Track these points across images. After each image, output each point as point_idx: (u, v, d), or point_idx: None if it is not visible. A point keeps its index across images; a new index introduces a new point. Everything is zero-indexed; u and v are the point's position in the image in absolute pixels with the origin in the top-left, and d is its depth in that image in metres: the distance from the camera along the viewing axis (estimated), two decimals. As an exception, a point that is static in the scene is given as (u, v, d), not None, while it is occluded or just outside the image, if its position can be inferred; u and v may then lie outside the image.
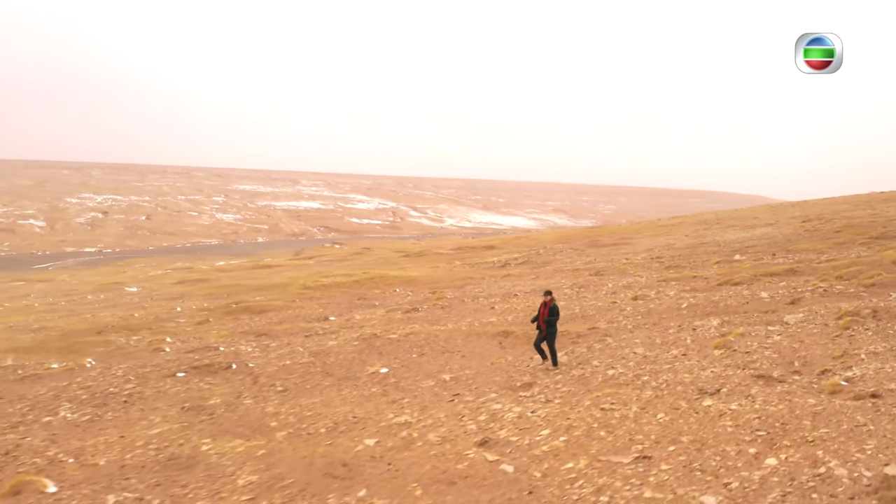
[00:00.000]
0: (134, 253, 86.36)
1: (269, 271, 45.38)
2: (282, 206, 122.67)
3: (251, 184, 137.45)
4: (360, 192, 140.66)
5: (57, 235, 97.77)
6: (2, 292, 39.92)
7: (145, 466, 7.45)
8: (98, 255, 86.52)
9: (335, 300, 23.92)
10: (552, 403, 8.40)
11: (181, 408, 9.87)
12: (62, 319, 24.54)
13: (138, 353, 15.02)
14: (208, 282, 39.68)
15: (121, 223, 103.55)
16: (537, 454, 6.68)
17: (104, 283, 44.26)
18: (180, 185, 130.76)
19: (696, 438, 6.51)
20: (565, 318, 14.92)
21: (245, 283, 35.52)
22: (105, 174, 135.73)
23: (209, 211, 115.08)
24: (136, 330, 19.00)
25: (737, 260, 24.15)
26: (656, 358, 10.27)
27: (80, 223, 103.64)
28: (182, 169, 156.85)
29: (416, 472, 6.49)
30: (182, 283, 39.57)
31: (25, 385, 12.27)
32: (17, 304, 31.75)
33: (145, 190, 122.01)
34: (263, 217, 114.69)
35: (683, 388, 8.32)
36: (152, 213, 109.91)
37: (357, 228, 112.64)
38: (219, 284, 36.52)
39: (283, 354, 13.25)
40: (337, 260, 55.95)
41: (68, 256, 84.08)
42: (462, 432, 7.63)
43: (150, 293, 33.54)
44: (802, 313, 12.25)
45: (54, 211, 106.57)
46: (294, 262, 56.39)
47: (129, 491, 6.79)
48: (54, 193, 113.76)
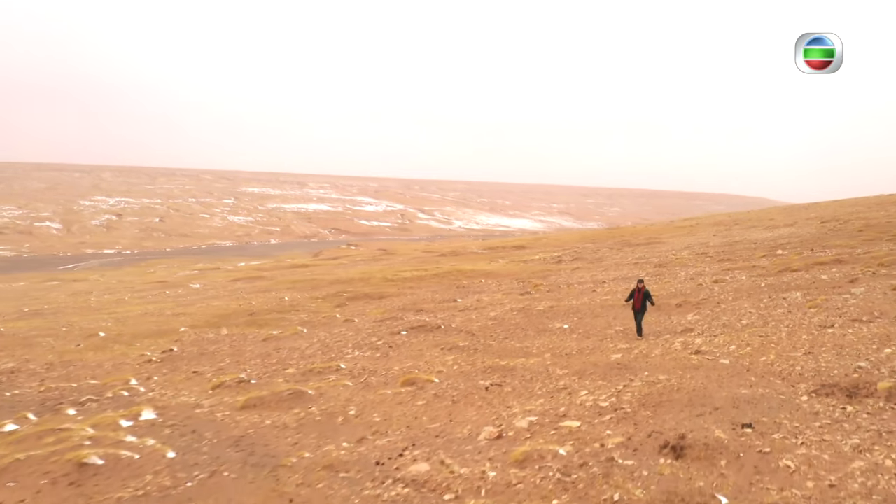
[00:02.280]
0: (153, 254, 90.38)
1: (309, 270, 49.34)
2: (291, 209, 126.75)
3: (259, 186, 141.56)
4: (368, 194, 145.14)
5: (74, 237, 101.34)
6: (52, 290, 43.83)
7: (467, 372, 11.96)
8: (118, 257, 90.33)
9: (435, 289, 28.33)
10: (719, 337, 13.03)
11: (440, 348, 14.36)
12: (193, 307, 28.88)
13: (336, 323, 19.47)
14: (265, 279, 43.88)
15: (135, 225, 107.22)
16: (738, 356, 11.30)
17: (166, 280, 48.45)
18: (190, 187, 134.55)
19: (836, 344, 11.17)
20: (669, 295, 19.61)
21: (320, 278, 39.61)
22: (115, 177, 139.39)
23: (221, 213, 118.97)
24: (296, 311, 23.42)
25: (780, 254, 28.91)
26: (770, 314, 14.92)
27: (95, 225, 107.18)
28: (190, 171, 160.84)
29: (666, 366, 11.07)
30: (240, 281, 43.69)
31: (286, 341, 16.70)
32: (101, 298, 35.80)
33: (156, 192, 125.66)
34: (274, 219, 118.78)
35: (807, 325, 12.98)
36: (165, 216, 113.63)
37: (367, 230, 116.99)
38: (284, 280, 40.28)
39: (468, 320, 17.80)
40: (369, 260, 60.02)
41: (89, 258, 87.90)
42: (673, 350, 12.23)
43: (225, 289, 37.35)
44: (864, 287, 16.94)
45: (69, 213, 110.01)
46: (322, 263, 60.14)
47: (488, 380, 11.30)
48: (67, 196, 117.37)
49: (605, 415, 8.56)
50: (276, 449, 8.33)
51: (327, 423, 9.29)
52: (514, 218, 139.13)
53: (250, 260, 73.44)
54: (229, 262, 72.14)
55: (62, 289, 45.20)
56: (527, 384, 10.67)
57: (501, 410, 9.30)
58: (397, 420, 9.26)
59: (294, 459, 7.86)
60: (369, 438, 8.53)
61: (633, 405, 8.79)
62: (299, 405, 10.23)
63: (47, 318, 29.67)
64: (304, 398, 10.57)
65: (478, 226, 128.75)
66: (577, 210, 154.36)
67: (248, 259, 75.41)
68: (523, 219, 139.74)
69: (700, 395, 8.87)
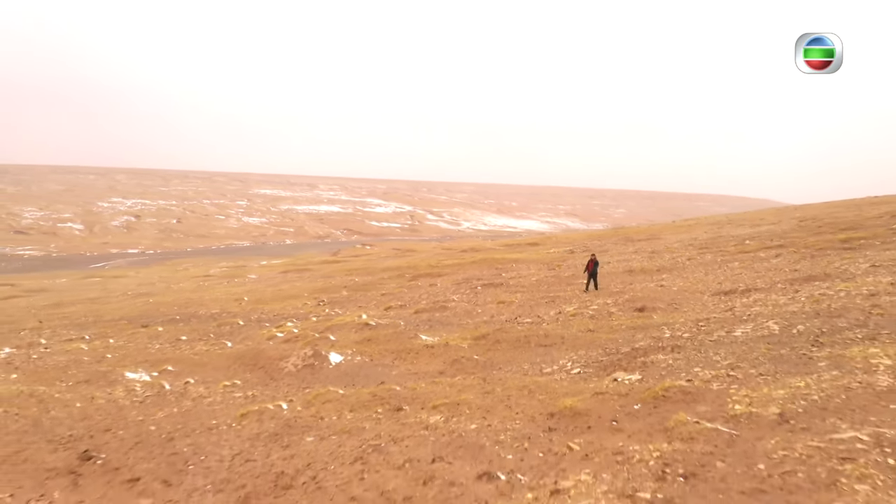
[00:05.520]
0: (175, 254, 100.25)
1: (348, 264, 58.84)
2: (304, 210, 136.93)
3: (271, 188, 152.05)
4: (377, 196, 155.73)
5: (97, 238, 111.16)
6: (109, 283, 54.01)
7: (533, 299, 22.24)
8: (142, 256, 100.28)
9: (479, 269, 38.53)
10: (677, 282, 23.33)
11: (508, 292, 24.58)
12: (282, 286, 39.06)
13: (423, 287, 29.65)
14: (312, 271, 54.12)
15: (154, 226, 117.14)
16: (683, 287, 21.63)
17: (209, 274, 58.60)
18: (203, 189, 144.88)
19: (734, 278, 21.52)
20: (654, 269, 29.91)
21: (371, 266, 49.74)
22: (129, 179, 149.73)
23: (235, 214, 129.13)
24: (378, 286, 33.65)
25: (746, 244, 39.35)
26: (711, 272, 25.18)
27: (115, 226, 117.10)
28: (202, 174, 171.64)
29: (646, 291, 21.40)
30: (290, 273, 53.89)
31: (398, 296, 26.95)
32: (176, 287, 45.90)
33: (171, 194, 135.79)
34: (288, 220, 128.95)
35: (727, 275, 23.29)
36: (182, 217, 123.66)
37: (378, 231, 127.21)
38: (335, 270, 50.22)
39: (519, 282, 28.05)
40: (394, 257, 69.84)
41: (115, 257, 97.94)
42: (649, 287, 22.56)
43: (285, 278, 47.22)
44: (779, 259, 27.21)
45: (89, 215, 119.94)
46: (349, 259, 69.70)
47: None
48: (85, 198, 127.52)
49: (613, 306, 18.85)
50: (451, 318, 18.64)
51: (471, 312, 19.64)
52: (521, 219, 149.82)
53: (271, 259, 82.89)
54: (252, 260, 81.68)
55: (115, 283, 54.84)
56: (568, 301, 21.02)
57: (557, 308, 19.62)
58: (500, 313, 19.57)
59: (463, 322, 18.17)
60: (494, 315, 18.85)
61: (630, 303, 19.12)
62: (448, 310, 20.57)
63: (168, 295, 39.75)
64: (447, 308, 20.91)
65: (486, 227, 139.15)
66: (583, 211, 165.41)
67: (269, 258, 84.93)
68: (530, 220, 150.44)
69: (662, 297, 19.20)
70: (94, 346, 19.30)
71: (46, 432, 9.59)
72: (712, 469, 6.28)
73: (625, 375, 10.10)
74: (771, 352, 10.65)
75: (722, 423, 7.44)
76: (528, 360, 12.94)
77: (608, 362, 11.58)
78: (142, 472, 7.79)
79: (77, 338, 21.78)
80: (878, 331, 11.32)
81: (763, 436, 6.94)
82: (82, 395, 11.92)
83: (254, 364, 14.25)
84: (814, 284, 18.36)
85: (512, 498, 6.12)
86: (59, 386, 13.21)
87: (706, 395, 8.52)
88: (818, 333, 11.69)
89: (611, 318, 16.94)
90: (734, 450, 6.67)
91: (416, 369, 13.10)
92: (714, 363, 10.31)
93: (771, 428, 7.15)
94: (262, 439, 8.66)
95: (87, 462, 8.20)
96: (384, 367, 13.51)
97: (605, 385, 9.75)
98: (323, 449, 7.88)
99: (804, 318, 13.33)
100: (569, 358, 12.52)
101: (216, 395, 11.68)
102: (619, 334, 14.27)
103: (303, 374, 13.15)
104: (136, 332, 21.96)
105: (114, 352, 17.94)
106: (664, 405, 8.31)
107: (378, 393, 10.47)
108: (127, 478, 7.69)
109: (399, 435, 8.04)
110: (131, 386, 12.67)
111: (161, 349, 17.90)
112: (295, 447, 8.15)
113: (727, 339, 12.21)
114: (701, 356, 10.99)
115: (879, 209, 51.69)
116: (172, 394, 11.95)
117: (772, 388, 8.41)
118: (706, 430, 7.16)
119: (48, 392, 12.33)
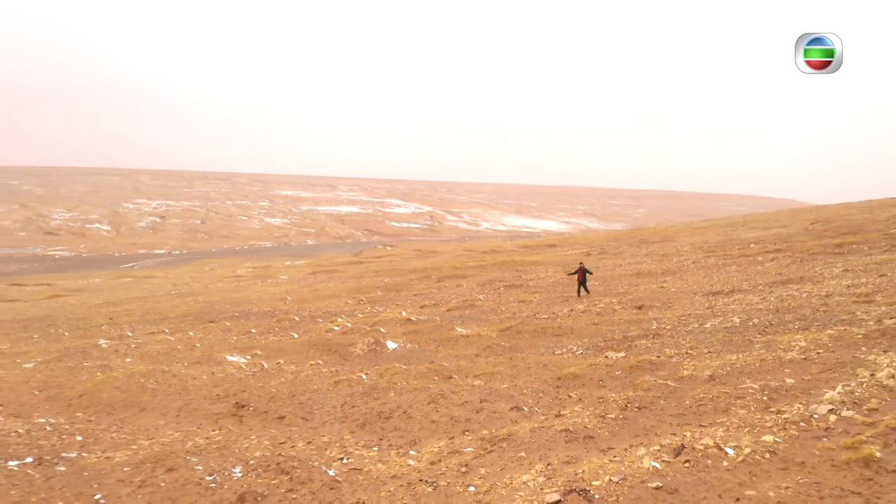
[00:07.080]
0: (200, 254, 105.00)
1: (373, 265, 62.90)
2: (324, 211, 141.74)
3: (292, 189, 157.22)
4: (396, 196, 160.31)
5: (124, 238, 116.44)
6: (144, 283, 58.23)
7: (549, 298, 26.29)
8: (169, 257, 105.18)
9: (500, 271, 42.60)
10: (677, 283, 27.26)
11: (528, 293, 28.63)
12: (318, 286, 43.33)
13: (450, 287, 33.79)
14: (340, 272, 58.30)
15: (179, 227, 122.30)
16: (681, 287, 25.58)
17: (240, 274, 62.95)
18: (225, 190, 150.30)
19: (726, 278, 25.42)
20: (660, 271, 33.83)
21: (398, 267, 53.91)
22: (152, 180, 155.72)
23: (257, 215, 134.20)
24: (407, 286, 37.83)
25: (751, 247, 43.09)
26: (710, 274, 29.03)
27: (142, 227, 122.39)
28: (224, 175, 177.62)
29: (648, 291, 25.38)
30: (318, 274, 58.11)
31: (430, 295, 31.14)
32: (214, 286, 50.28)
33: (194, 195, 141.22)
34: (309, 221, 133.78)
35: (721, 276, 27.18)
36: (206, 218, 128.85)
37: (398, 232, 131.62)
38: (363, 271, 54.44)
39: (538, 283, 32.10)
40: (417, 258, 73.98)
41: (143, 257, 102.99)
42: (651, 287, 26.53)
43: (316, 279, 51.63)
44: (773, 263, 30.97)
45: (115, 216, 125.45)
46: (372, 260, 73.77)
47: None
48: (111, 199, 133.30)
49: (616, 305, 22.84)
50: (479, 315, 22.75)
51: (496, 310, 23.75)
52: (539, 219, 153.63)
53: (294, 260, 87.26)
54: (276, 261, 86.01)
55: (148, 283, 59.17)
56: (579, 300, 25.04)
57: (570, 306, 23.66)
58: (521, 311, 23.62)
59: (490, 318, 22.27)
60: (516, 312, 22.93)
61: (632, 302, 23.10)
62: (476, 308, 24.68)
63: (210, 295, 44.02)
64: (475, 306, 25.02)
65: (504, 227, 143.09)
66: (601, 211, 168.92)
67: (292, 259, 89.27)
68: (549, 220, 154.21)
69: (659, 297, 23.17)
70: (178, 338, 23.60)
71: (197, 393, 13.80)
72: (657, 404, 10.35)
73: (614, 354, 14.17)
74: (725, 338, 14.65)
75: (672, 381, 11.48)
76: (544, 345, 17.02)
77: (604, 346, 15.66)
78: (284, 412, 12.00)
79: (157, 331, 26.11)
80: (812, 323, 15.26)
81: (695, 387, 10.98)
82: (203, 371, 16.13)
83: (327, 349, 18.43)
84: (787, 287, 22.28)
85: (531, 419, 10.25)
86: (177, 366, 17.42)
87: (666, 365, 12.58)
88: (767, 325, 15.65)
89: (613, 314, 20.95)
90: (674, 395, 10.72)
91: (456, 353, 17.21)
92: (680, 346, 14.36)
93: (702, 383, 11.19)
94: (357, 395, 12.82)
95: (242, 409, 12.42)
96: (430, 352, 17.63)
97: (598, 360, 13.83)
98: (404, 399, 12.04)
99: (763, 314, 17.28)
100: (575, 343, 16.60)
101: (307, 371, 15.88)
102: (618, 326, 18.31)
103: (368, 356, 17.30)
104: (206, 327, 26.25)
105: (200, 342, 22.22)
106: (636, 371, 12.38)
107: (432, 367, 14.61)
108: (275, 416, 11.90)
109: (455, 389, 12.17)
110: (237, 364, 16.90)
111: (240, 340, 22.16)
112: (383, 398, 12.31)
113: (698, 330, 16.22)
114: (673, 341, 15.04)
115: (888, 212, 54.81)
116: (272, 370, 16.15)
117: (712, 360, 12.44)
118: (659, 385, 11.22)
119: (172, 369, 16.52)
